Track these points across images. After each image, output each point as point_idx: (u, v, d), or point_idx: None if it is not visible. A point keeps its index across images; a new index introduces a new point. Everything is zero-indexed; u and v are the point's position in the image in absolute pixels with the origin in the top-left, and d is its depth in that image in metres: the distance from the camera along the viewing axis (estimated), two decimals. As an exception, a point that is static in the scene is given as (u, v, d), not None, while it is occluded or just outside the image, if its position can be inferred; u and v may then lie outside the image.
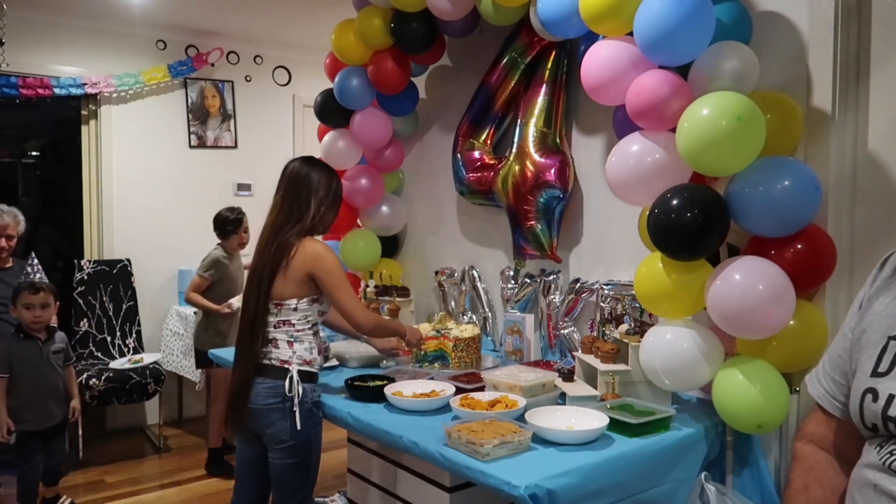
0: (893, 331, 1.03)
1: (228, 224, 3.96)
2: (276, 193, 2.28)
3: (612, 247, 2.54)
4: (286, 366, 2.15)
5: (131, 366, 4.12)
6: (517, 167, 2.66)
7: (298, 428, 2.11)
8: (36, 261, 3.68)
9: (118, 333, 4.46)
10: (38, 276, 3.58)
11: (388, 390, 2.09)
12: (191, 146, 4.81)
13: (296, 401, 2.11)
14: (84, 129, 4.54)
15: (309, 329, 2.20)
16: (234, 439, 2.43)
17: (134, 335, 4.52)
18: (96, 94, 4.41)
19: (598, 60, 2.03)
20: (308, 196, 2.23)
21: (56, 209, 4.86)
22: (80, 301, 4.33)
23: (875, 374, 1.02)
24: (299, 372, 2.14)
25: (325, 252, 2.20)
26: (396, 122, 3.25)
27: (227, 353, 2.80)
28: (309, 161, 2.32)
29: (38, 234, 4.71)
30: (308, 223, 2.22)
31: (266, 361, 2.16)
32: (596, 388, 2.07)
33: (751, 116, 1.71)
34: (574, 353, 2.38)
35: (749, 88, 1.84)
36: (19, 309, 3.08)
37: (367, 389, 2.18)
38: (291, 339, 2.17)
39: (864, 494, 1.01)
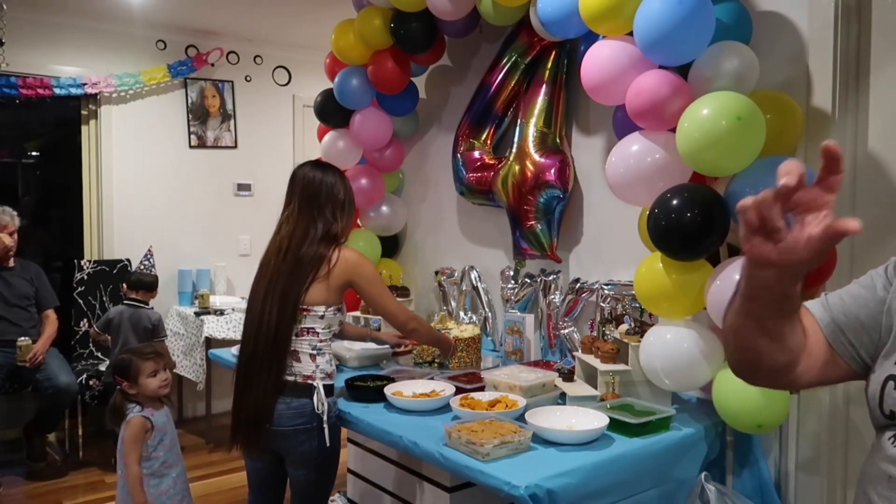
0: None
1: None
2: (289, 202, 2.17)
3: (612, 247, 2.53)
4: (309, 381, 2.06)
5: (131, 366, 4.10)
6: (517, 167, 2.66)
7: (328, 444, 2.06)
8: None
9: (118, 333, 4.45)
10: (153, 270, 4.20)
11: (388, 390, 2.09)
12: (191, 146, 4.80)
13: (324, 418, 2.04)
14: (84, 129, 4.53)
15: (329, 340, 2.14)
16: None
17: (134, 335, 4.51)
18: (96, 94, 4.41)
19: (598, 60, 2.03)
20: (328, 204, 2.14)
21: (56, 209, 4.85)
22: (80, 301, 4.32)
23: None
24: (322, 387, 2.07)
25: (363, 260, 2.16)
26: (396, 122, 3.25)
27: (226, 353, 2.80)
28: (319, 166, 2.23)
29: (37, 234, 4.69)
30: (333, 232, 2.14)
31: (288, 378, 2.06)
32: (596, 388, 2.07)
33: (751, 116, 1.71)
34: (574, 353, 2.37)
35: (749, 88, 1.85)
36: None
37: (367, 389, 2.18)
38: (315, 352, 2.08)
39: (877, 487, 0.99)
